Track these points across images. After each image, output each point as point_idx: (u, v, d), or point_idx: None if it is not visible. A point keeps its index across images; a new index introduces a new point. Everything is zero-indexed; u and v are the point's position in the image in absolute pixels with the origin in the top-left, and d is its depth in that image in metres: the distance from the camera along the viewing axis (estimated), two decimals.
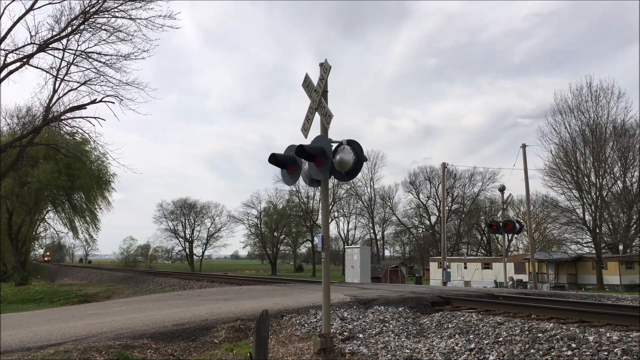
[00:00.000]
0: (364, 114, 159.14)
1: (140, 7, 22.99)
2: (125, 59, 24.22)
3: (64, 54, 24.55)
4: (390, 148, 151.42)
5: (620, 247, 44.73)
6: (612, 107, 43.84)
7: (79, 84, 25.44)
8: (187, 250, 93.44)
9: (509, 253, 50.19)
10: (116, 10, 23.40)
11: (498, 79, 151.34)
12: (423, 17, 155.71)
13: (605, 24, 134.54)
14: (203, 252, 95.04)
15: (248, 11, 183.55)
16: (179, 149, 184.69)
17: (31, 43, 23.63)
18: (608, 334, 6.30)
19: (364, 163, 6.91)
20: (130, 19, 23.30)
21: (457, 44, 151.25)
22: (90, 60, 24.42)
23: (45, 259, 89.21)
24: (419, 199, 76.91)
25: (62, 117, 26.98)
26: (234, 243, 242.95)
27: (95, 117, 26.02)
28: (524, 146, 29.97)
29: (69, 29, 23.80)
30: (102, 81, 24.71)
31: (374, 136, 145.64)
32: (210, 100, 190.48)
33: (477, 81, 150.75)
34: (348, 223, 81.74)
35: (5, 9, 23.96)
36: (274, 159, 7.17)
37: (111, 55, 24.31)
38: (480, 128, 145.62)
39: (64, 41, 24.23)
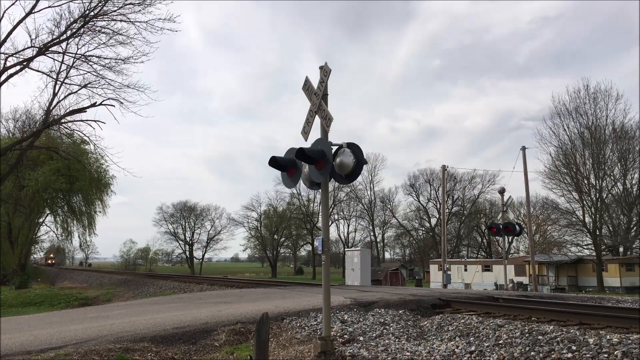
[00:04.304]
0: (366, 115, 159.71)
1: (140, 10, 23.09)
2: (125, 62, 24.32)
3: (63, 57, 24.65)
4: (392, 149, 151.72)
5: (621, 249, 44.72)
6: (610, 109, 44.03)
7: (79, 87, 25.54)
8: (187, 253, 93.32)
9: (509, 255, 50.17)
10: (115, 13, 23.49)
11: (501, 80, 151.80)
12: (427, 18, 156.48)
13: (610, 25, 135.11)
14: (203, 255, 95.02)
15: (252, 12, 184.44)
16: (182, 151, 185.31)
17: (31, 46, 23.72)
18: (608, 336, 6.30)
19: (364, 166, 6.91)
20: (130, 22, 23.39)
21: (461, 45, 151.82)
22: (90, 63, 24.52)
23: (49, 262, 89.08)
24: (419, 201, 76.94)
25: (62, 120, 27.04)
26: (234, 246, 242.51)
27: (95, 120, 26.10)
28: (523, 148, 29.97)
29: (69, 32, 23.89)
30: (103, 84, 24.81)
31: (376, 138, 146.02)
32: (213, 102, 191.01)
33: (481, 82, 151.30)
34: (348, 226, 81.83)
35: (5, 12, 23.97)
36: (274, 162, 7.17)
37: (111, 58, 24.40)
38: (483, 130, 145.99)
39: (64, 44, 24.32)
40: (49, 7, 23.58)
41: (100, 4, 23.38)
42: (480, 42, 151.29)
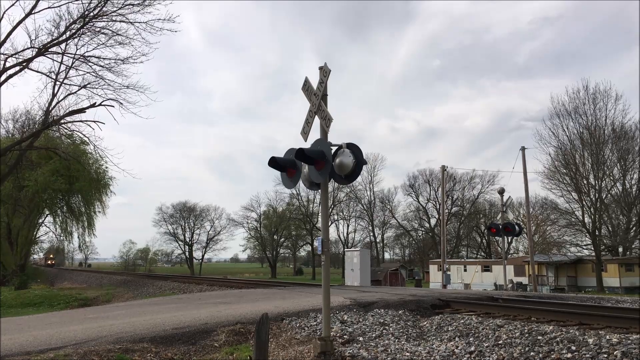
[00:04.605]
0: (366, 115, 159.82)
1: (139, 11, 23.10)
2: (124, 63, 24.34)
3: (63, 58, 24.67)
4: (392, 150, 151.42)
5: (620, 250, 44.75)
6: (609, 110, 44.10)
7: (78, 88, 25.56)
8: (187, 253, 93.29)
9: (509, 256, 50.19)
10: (115, 14, 23.50)
11: (501, 80, 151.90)
12: (427, 18, 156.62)
13: (610, 25, 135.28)
14: (203, 256, 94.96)
15: (252, 12, 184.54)
16: (182, 151, 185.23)
17: (31, 47, 23.73)
18: (608, 337, 6.31)
19: (364, 166, 6.91)
20: (129, 22, 23.40)
21: (461, 45, 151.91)
22: (90, 64, 24.54)
23: (49, 262, 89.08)
24: (418, 202, 76.95)
25: (62, 121, 27.05)
26: (234, 246, 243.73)
27: (94, 121, 26.13)
28: (523, 149, 29.99)
29: (68, 32, 23.90)
30: (102, 85, 24.84)
31: (376, 138, 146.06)
32: (213, 102, 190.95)
33: (481, 83, 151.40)
34: (348, 226, 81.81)
35: (4, 12, 23.98)
36: (274, 162, 7.17)
37: (110, 59, 24.42)
38: (483, 130, 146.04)
39: (63, 45, 24.34)
40: (49, 7, 23.64)
41: (99, 5, 23.41)
42: (480, 42, 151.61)
